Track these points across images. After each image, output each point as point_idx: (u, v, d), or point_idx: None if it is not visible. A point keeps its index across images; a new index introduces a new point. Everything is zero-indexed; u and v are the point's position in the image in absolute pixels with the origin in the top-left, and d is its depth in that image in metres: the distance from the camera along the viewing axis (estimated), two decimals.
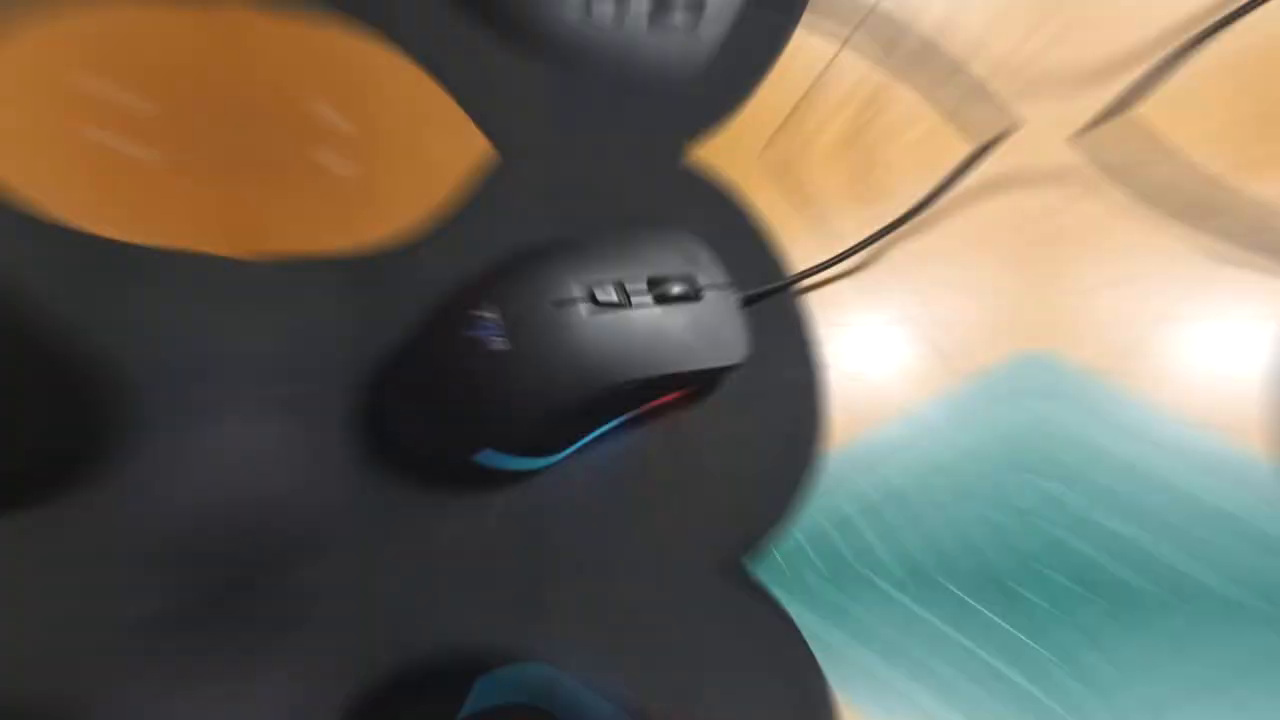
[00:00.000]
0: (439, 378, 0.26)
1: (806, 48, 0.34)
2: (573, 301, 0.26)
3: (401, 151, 0.30)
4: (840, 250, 0.31)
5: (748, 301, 0.29)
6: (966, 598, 0.28)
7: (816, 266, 0.31)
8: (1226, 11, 0.33)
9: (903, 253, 0.32)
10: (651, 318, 0.26)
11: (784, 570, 0.28)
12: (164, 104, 0.29)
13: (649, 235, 0.28)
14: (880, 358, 0.31)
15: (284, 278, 0.28)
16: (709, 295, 0.28)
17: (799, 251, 0.32)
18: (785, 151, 0.33)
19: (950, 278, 0.32)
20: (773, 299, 0.31)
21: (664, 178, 0.31)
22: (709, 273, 0.28)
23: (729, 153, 0.32)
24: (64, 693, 0.24)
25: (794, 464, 0.29)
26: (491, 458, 0.26)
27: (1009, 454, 0.29)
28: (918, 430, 0.30)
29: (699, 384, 0.29)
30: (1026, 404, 0.30)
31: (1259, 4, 0.32)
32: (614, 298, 0.26)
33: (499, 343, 0.25)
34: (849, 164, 0.33)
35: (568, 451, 0.28)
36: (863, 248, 0.31)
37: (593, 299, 0.26)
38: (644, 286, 0.27)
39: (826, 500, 0.29)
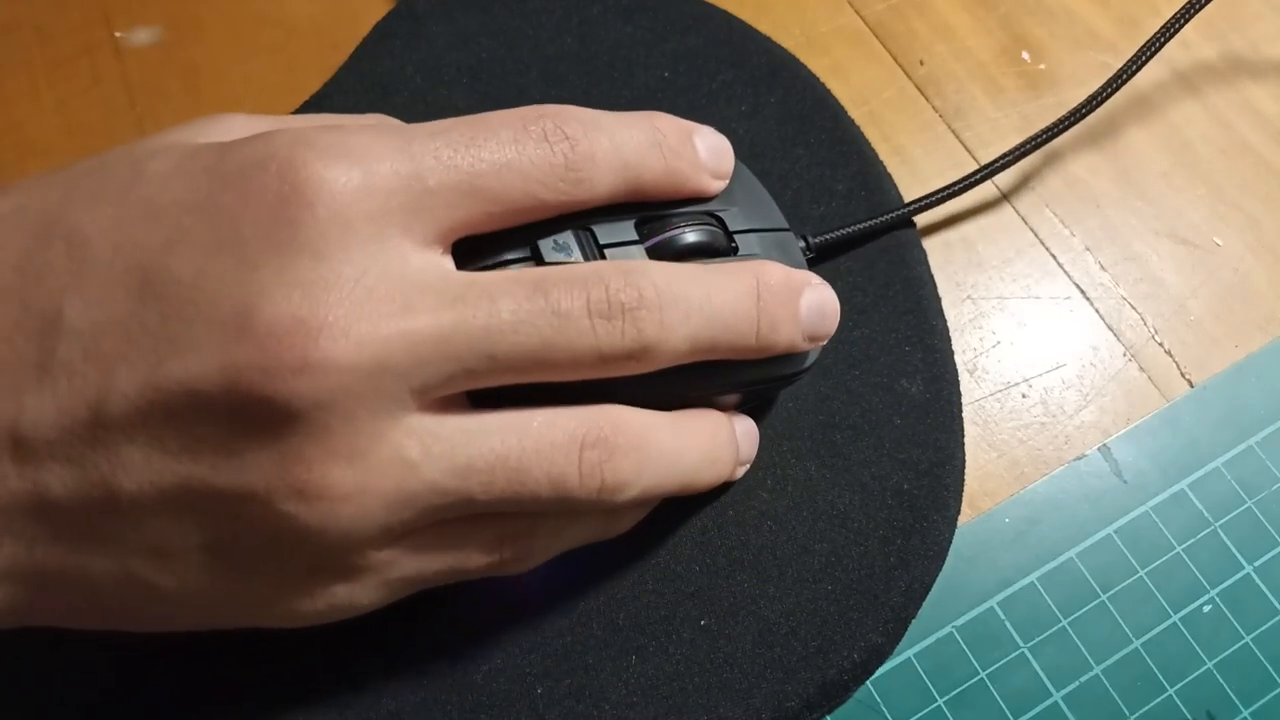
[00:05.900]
0: None
1: None
2: (501, 263, 0.16)
3: None
4: (976, 168, 0.22)
5: (821, 254, 0.20)
6: None
7: (936, 194, 0.22)
8: None
9: (1075, 174, 0.24)
10: None
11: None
12: None
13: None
14: (1047, 355, 0.22)
15: None
16: (749, 246, 0.17)
17: (916, 167, 0.24)
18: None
19: (1163, 219, 0.23)
20: (866, 250, 0.21)
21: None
22: (750, 204, 0.18)
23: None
24: None
25: (906, 548, 0.19)
26: None
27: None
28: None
29: (732, 405, 0.19)
30: None
31: None
32: (574, 256, 0.16)
33: None
34: (990, 35, 0.25)
35: None
36: (1006, 164, 0.22)
37: (536, 258, 0.16)
38: (629, 229, 0.16)
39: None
